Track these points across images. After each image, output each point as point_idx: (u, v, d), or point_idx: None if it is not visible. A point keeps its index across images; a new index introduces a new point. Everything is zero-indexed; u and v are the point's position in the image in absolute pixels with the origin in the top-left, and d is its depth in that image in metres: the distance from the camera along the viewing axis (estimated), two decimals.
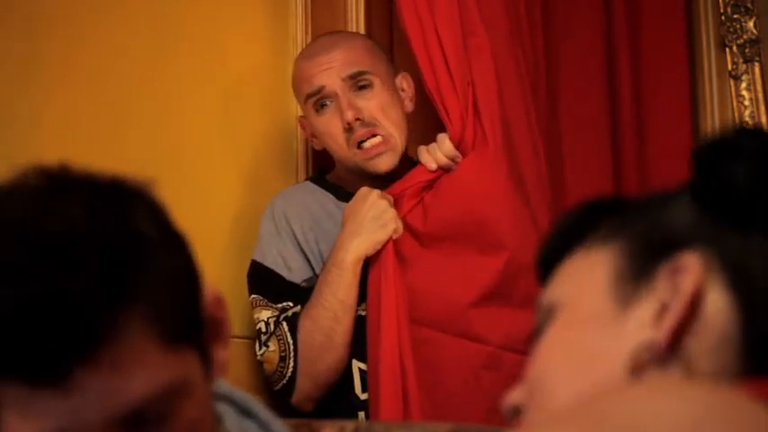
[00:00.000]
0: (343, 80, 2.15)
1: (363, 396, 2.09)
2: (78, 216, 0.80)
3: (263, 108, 2.39)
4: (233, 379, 2.11)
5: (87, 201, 0.81)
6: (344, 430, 1.42)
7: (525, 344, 0.83)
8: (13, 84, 1.88)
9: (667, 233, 0.75)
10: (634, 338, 0.72)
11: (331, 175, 2.30)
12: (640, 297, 0.74)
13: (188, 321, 0.86)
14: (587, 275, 0.78)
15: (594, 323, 0.75)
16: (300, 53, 2.27)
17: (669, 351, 0.71)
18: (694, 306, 0.71)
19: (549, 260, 0.83)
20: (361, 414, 2.08)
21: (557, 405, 0.74)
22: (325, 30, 2.40)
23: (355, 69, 2.16)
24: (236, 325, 2.18)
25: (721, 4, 2.80)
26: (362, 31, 2.49)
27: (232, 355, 2.34)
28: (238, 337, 2.19)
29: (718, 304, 0.72)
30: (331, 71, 2.15)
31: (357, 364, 2.11)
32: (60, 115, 1.95)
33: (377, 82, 2.17)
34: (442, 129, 2.14)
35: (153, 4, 2.16)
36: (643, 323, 0.72)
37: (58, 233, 0.78)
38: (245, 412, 1.03)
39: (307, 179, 2.36)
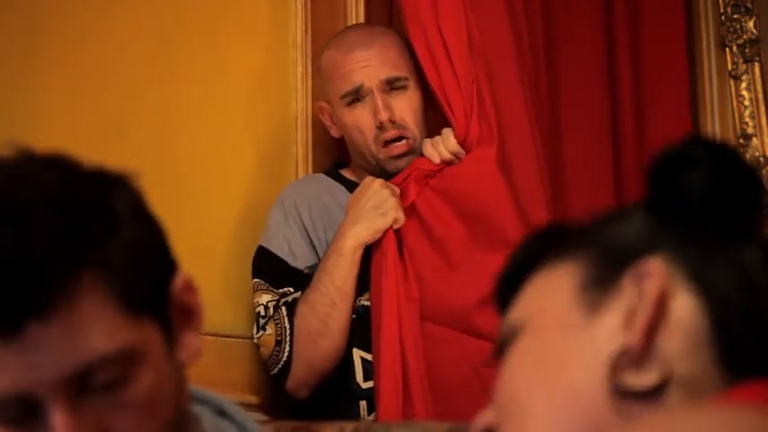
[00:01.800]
0: (381, 81, 2.18)
1: (366, 385, 2.10)
2: (49, 183, 0.83)
3: (263, 109, 2.38)
4: (233, 379, 2.11)
5: (64, 174, 0.85)
6: (344, 431, 1.42)
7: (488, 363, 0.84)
8: (14, 82, 1.88)
9: (627, 244, 0.77)
10: (606, 344, 0.73)
11: (345, 170, 2.33)
12: (607, 305, 0.75)
13: (149, 292, 0.87)
14: (549, 291, 0.79)
15: (562, 332, 0.76)
16: (334, 44, 2.27)
17: (644, 353, 0.71)
18: (662, 307, 0.72)
19: (506, 292, 0.85)
20: (363, 403, 2.09)
21: (531, 421, 0.75)
22: (325, 30, 2.41)
23: (393, 74, 2.19)
24: (237, 325, 2.18)
25: (721, 4, 2.80)
26: None
27: (233, 355, 2.35)
28: (240, 337, 2.19)
29: (685, 307, 0.73)
30: (369, 69, 2.19)
31: (359, 353, 2.11)
32: (61, 114, 1.95)
33: (410, 85, 2.21)
34: (448, 123, 2.17)
35: (154, 4, 2.16)
36: (613, 329, 0.73)
37: (25, 195, 0.82)
38: (220, 413, 1.03)
39: (320, 172, 2.38)
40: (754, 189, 0.76)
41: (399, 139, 2.18)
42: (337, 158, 2.41)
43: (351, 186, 2.25)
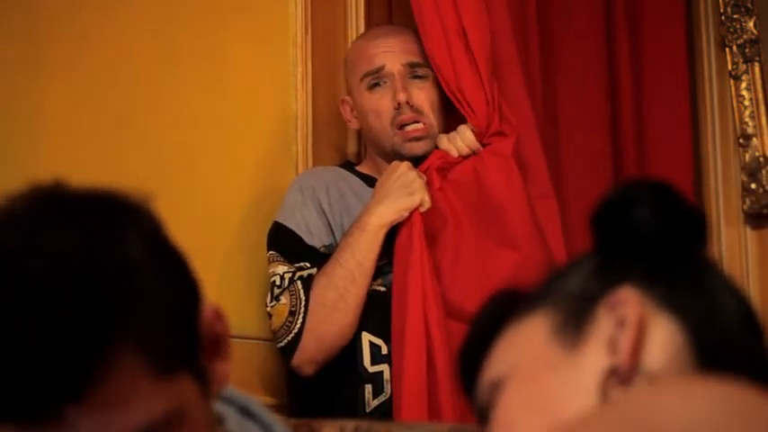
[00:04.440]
0: (402, 65, 2.22)
1: (372, 369, 2.09)
2: (61, 251, 0.78)
3: (263, 109, 2.38)
4: (239, 380, 2.11)
5: (73, 231, 0.80)
6: (344, 430, 1.42)
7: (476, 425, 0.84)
8: (15, 85, 1.88)
9: (590, 285, 0.80)
10: (593, 371, 0.75)
11: (359, 166, 2.34)
12: (586, 338, 0.77)
13: (183, 347, 0.84)
14: (525, 341, 0.81)
15: (548, 370, 0.78)
16: (360, 37, 2.36)
17: (632, 370, 0.74)
18: (643, 327, 0.75)
19: (471, 365, 0.86)
20: (369, 387, 2.08)
21: None
22: (325, 30, 2.41)
23: (416, 60, 2.24)
24: (242, 326, 2.18)
25: (721, 4, 2.81)
26: (362, 31, 2.49)
27: (236, 355, 2.34)
28: (245, 338, 2.19)
29: (663, 327, 0.76)
30: (392, 54, 2.23)
31: (368, 337, 2.10)
32: (62, 114, 1.95)
33: (431, 76, 2.24)
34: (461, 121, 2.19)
35: (154, 4, 2.16)
36: (597, 357, 0.76)
37: (40, 273, 0.77)
38: (246, 413, 1.03)
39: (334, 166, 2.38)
40: (697, 219, 0.80)
41: (415, 122, 2.21)
42: (340, 158, 2.42)
43: (366, 179, 2.26)
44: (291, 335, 2.08)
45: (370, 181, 2.23)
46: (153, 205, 0.85)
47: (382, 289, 2.12)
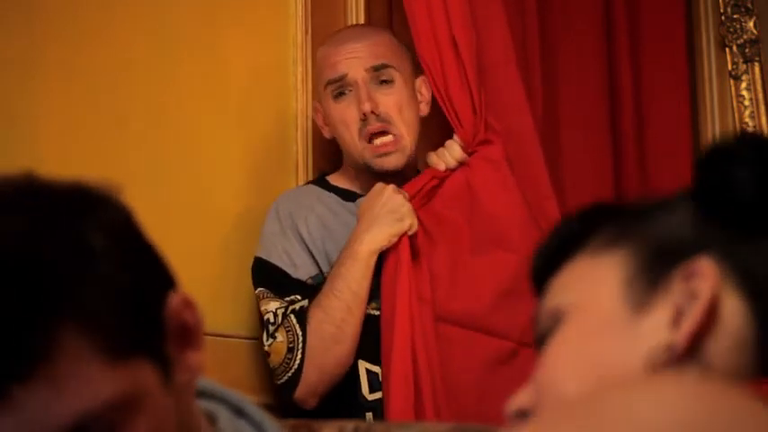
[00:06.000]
0: (366, 71, 2.17)
1: (371, 397, 2.08)
2: (14, 231, 0.78)
3: (263, 109, 2.38)
4: (233, 379, 2.12)
5: (31, 214, 0.80)
6: (344, 430, 1.42)
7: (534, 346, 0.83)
8: (13, 83, 1.88)
9: (676, 239, 0.77)
10: (649, 341, 0.73)
11: (334, 176, 2.30)
12: (655, 301, 0.75)
13: (138, 331, 0.83)
14: (597, 280, 0.79)
15: (607, 327, 0.76)
16: (327, 41, 2.28)
17: (687, 353, 0.72)
18: (712, 310, 0.73)
19: (545, 269, 0.85)
20: (369, 415, 2.07)
21: None
22: (325, 30, 2.41)
23: (380, 62, 2.18)
24: (234, 325, 2.18)
25: (721, 4, 2.81)
26: None
27: (230, 354, 2.34)
28: (238, 338, 2.19)
29: (733, 309, 0.74)
30: (356, 61, 2.17)
31: (364, 365, 2.10)
32: (60, 114, 1.95)
33: (398, 79, 2.19)
34: (448, 126, 2.18)
35: (153, 4, 2.16)
36: (659, 326, 0.74)
37: None
38: (239, 412, 1.02)
39: (307, 182, 2.35)
40: None
41: (384, 133, 2.16)
42: (339, 158, 2.41)
43: (340, 193, 2.23)
44: (291, 371, 2.06)
45: (346, 195, 2.21)
46: (122, 196, 0.85)
47: (377, 312, 2.10)
